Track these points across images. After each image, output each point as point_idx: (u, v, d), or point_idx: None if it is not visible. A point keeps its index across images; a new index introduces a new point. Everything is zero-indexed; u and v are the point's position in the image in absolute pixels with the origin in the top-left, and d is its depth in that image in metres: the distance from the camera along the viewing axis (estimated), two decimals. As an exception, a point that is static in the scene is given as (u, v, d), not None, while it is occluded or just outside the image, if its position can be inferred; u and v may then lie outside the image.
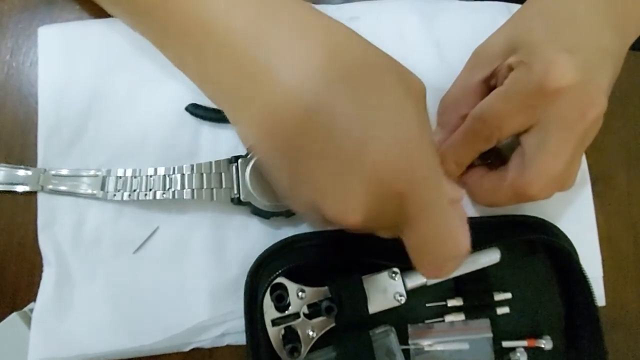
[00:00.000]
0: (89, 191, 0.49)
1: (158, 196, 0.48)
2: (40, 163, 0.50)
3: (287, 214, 0.49)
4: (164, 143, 0.52)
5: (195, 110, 0.51)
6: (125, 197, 0.49)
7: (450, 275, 0.40)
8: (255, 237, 0.51)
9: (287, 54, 0.35)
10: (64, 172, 0.50)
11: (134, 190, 0.49)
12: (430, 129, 0.38)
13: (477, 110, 0.46)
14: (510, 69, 0.45)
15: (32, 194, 0.50)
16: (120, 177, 0.49)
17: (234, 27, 0.36)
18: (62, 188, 0.50)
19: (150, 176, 0.49)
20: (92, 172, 0.50)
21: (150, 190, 0.48)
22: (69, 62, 0.52)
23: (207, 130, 0.52)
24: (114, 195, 0.49)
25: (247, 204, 0.48)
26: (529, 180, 0.44)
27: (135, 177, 0.49)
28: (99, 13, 0.52)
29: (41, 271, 0.49)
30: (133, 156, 0.51)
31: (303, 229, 0.51)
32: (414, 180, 0.35)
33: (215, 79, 0.39)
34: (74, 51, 0.52)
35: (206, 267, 0.50)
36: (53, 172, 0.50)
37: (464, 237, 0.38)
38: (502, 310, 0.50)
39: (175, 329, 0.48)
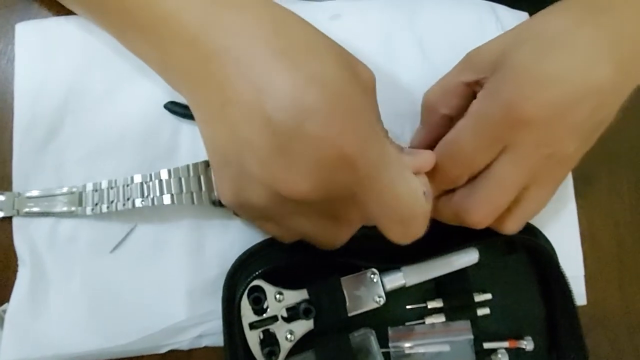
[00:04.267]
0: (66, 209, 0.47)
1: (137, 204, 0.46)
2: (15, 160, 0.48)
3: None
4: (142, 141, 0.49)
5: (174, 107, 0.49)
6: (104, 210, 0.46)
7: (419, 235, 0.37)
8: (235, 236, 0.48)
9: (237, 35, 0.36)
10: (37, 193, 0.47)
11: (112, 202, 0.46)
12: (379, 115, 0.39)
13: (445, 147, 0.42)
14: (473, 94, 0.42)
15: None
16: (97, 190, 0.47)
17: (189, 16, 0.37)
18: (38, 209, 0.47)
19: (127, 185, 0.46)
20: (65, 190, 0.47)
21: (129, 199, 0.46)
22: (46, 59, 0.50)
23: (187, 128, 0.50)
24: (92, 209, 0.47)
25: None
26: (471, 207, 0.42)
27: (111, 188, 0.47)
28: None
29: (16, 271, 0.47)
30: (111, 154, 0.49)
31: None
32: (359, 140, 0.34)
33: (174, 66, 0.40)
34: (51, 48, 0.50)
35: (184, 266, 0.48)
36: (27, 195, 0.47)
37: (424, 196, 0.37)
38: (483, 311, 0.48)
39: (151, 329, 0.46)
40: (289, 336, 0.42)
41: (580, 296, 0.50)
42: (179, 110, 0.49)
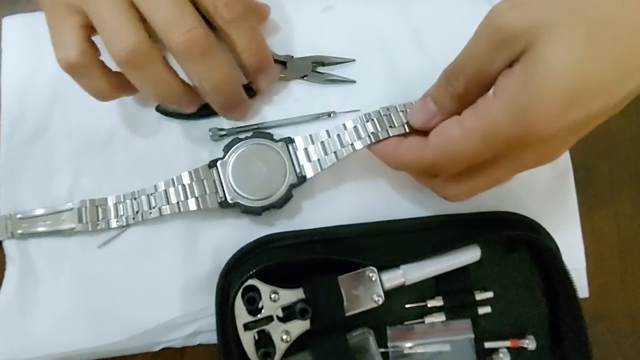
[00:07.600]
0: (67, 227, 0.45)
1: (145, 217, 0.44)
2: (3, 155, 0.47)
3: (279, 205, 0.44)
4: (132, 135, 0.47)
5: (165, 109, 0.47)
6: (113, 225, 0.45)
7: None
8: (229, 230, 0.46)
9: None
10: (39, 212, 0.45)
11: (121, 215, 0.45)
12: None
13: (447, 147, 0.37)
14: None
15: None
16: (100, 207, 0.45)
17: None
18: (43, 229, 0.45)
19: (135, 199, 0.45)
20: (68, 205, 0.45)
21: (137, 212, 0.44)
22: (34, 53, 0.48)
23: (176, 123, 0.47)
24: (97, 225, 0.45)
25: (236, 205, 0.43)
26: (456, 194, 0.41)
27: (119, 203, 0.45)
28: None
29: (4, 270, 0.45)
30: (100, 149, 0.47)
31: (287, 214, 0.46)
32: None
33: None
34: (39, 42, 0.48)
35: (177, 262, 0.46)
36: (19, 216, 0.45)
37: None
38: (484, 309, 0.46)
39: (144, 326, 0.44)
40: (284, 337, 0.40)
41: (582, 288, 0.49)
42: (170, 111, 0.47)
